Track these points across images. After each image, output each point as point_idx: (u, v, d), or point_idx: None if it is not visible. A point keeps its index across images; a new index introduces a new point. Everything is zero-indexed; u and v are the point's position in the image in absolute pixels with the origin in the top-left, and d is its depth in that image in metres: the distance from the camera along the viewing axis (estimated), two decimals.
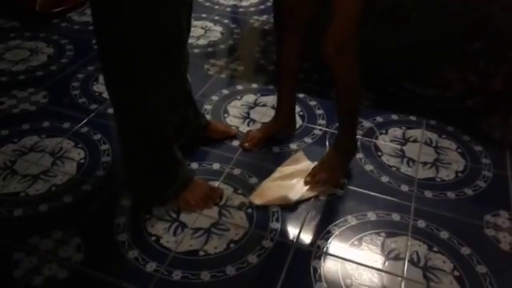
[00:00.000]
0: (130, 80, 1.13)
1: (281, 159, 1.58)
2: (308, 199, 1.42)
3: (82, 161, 1.53)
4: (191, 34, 2.32)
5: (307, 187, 1.44)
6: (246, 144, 1.62)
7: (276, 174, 1.48)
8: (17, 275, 1.17)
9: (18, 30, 2.28)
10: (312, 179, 1.45)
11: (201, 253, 1.26)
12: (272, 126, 1.66)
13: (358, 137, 1.69)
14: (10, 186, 1.43)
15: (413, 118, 1.83)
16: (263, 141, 1.63)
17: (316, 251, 1.28)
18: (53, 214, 1.35)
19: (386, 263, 1.26)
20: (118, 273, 1.19)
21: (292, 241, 1.31)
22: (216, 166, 1.55)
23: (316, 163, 1.51)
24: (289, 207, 1.38)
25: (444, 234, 1.35)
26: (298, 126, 1.74)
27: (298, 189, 1.43)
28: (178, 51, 1.12)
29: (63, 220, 1.33)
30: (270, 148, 1.63)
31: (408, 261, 1.27)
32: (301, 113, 1.81)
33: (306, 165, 1.52)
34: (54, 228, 1.30)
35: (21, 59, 2.06)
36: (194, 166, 1.54)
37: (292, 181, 1.45)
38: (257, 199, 1.39)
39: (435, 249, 1.30)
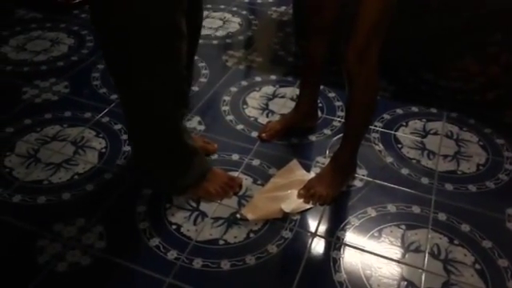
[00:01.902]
0: (127, 71, 1.15)
1: (300, 150, 1.59)
2: (301, 212, 1.36)
3: (104, 150, 1.55)
4: (209, 26, 2.34)
5: (301, 200, 1.38)
6: (264, 134, 1.62)
7: (269, 186, 1.42)
8: (41, 261, 1.20)
9: (38, 21, 2.31)
10: (306, 192, 1.39)
11: (221, 242, 1.27)
12: (292, 117, 1.65)
13: (377, 129, 1.69)
14: (33, 174, 1.45)
15: (433, 110, 1.81)
16: (281, 132, 1.63)
17: (335, 242, 1.28)
18: (75, 202, 1.37)
19: (406, 255, 1.25)
20: (140, 260, 1.21)
21: (311, 231, 1.31)
22: (235, 156, 1.55)
23: (312, 174, 1.47)
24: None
25: (465, 227, 1.34)
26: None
27: (291, 200, 1.38)
28: (172, 50, 1.12)
29: (86, 208, 1.35)
30: (289, 139, 1.63)
31: (428, 253, 1.26)
32: (320, 104, 1.81)
33: (301, 175, 1.47)
34: (77, 215, 1.32)
35: (42, 50, 2.09)
36: (214, 156, 1.55)
37: (285, 192, 1.40)
38: (249, 214, 1.33)
39: (456, 242, 1.30)
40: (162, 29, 1.06)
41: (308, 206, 1.37)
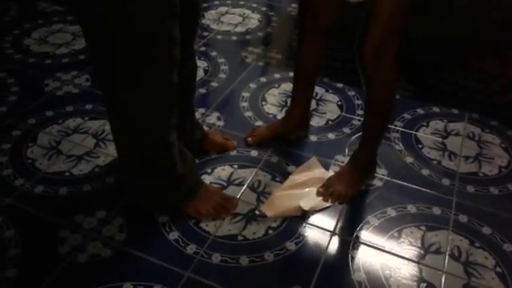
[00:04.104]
0: (111, 76, 1.08)
1: (319, 148, 1.58)
2: (320, 210, 1.35)
3: None
4: (229, 22, 2.35)
5: (320, 198, 1.38)
6: (249, 139, 1.57)
7: (288, 183, 1.42)
8: (62, 252, 1.21)
9: (60, 14, 2.33)
10: (325, 191, 1.38)
11: (239, 237, 1.27)
12: (281, 125, 1.60)
13: (398, 128, 1.68)
14: (55, 166, 1.47)
15: (455, 110, 1.79)
16: (268, 139, 1.57)
17: (354, 241, 1.28)
18: (96, 194, 1.38)
19: (427, 257, 1.24)
20: (159, 253, 1.22)
21: (330, 230, 1.31)
22: (254, 153, 1.55)
23: (331, 172, 1.46)
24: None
25: (486, 230, 1.32)
26: (336, 115, 1.74)
27: (310, 198, 1.37)
28: (161, 57, 1.04)
29: (106, 200, 1.36)
30: (307, 137, 1.62)
31: (449, 255, 1.25)
32: (339, 103, 1.80)
33: (320, 173, 1.46)
34: (98, 207, 1.33)
35: (64, 43, 2.11)
36: (233, 152, 1.55)
37: (304, 190, 1.39)
38: (268, 211, 1.33)
39: (477, 244, 1.28)
40: (150, 33, 0.99)
41: (327, 205, 1.37)
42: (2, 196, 1.36)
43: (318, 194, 1.39)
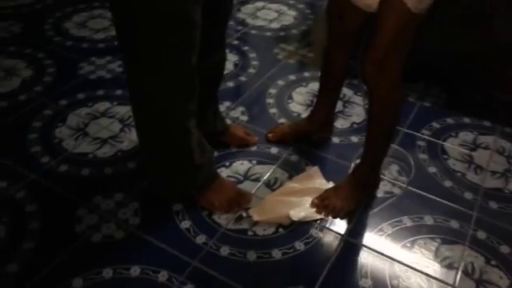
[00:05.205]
0: (132, 56, 1.10)
1: (339, 150, 1.56)
2: (310, 221, 1.31)
3: None
4: (264, 17, 2.35)
5: (313, 209, 1.33)
6: (270, 135, 1.57)
7: (283, 189, 1.38)
8: (78, 229, 1.26)
9: (101, 0, 2.40)
10: (320, 202, 1.33)
11: (249, 233, 1.28)
12: (304, 125, 1.58)
13: (424, 137, 1.64)
14: (80, 147, 1.52)
15: (487, 123, 1.72)
16: (289, 137, 1.57)
17: (365, 247, 1.26)
18: (116, 177, 1.42)
19: (438, 270, 1.21)
20: (170, 240, 1.24)
21: (341, 233, 1.29)
22: (274, 150, 1.55)
23: (331, 184, 1.41)
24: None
25: (504, 249, 1.27)
26: (361, 119, 1.71)
27: (302, 208, 1.32)
28: (180, 38, 1.05)
29: (125, 184, 1.40)
30: (329, 138, 1.61)
31: (462, 271, 1.21)
32: (366, 106, 1.77)
33: (319, 183, 1.41)
34: (116, 191, 1.37)
35: (102, 28, 2.17)
36: (253, 148, 1.55)
37: (299, 198, 1.35)
38: (256, 215, 1.29)
39: (493, 262, 1.24)
40: (168, 15, 1.00)
41: (318, 217, 1.32)
42: (27, 171, 1.42)
43: (313, 204, 1.34)
